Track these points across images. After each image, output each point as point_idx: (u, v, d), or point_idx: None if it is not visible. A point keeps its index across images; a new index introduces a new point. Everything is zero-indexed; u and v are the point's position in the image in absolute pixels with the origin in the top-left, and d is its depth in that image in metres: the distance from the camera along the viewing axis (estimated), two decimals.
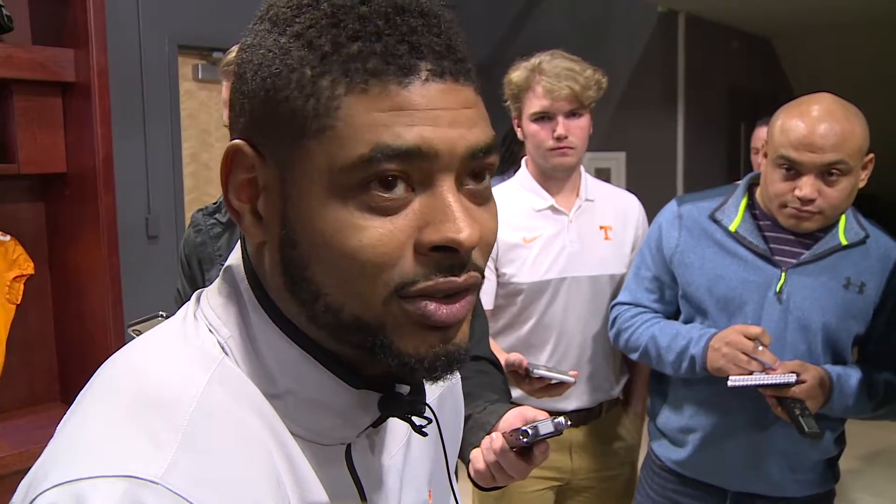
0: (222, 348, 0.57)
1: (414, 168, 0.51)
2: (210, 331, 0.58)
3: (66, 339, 2.22)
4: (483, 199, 0.56)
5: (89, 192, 2.06)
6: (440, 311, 0.53)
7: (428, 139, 0.51)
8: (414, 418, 0.61)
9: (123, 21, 3.64)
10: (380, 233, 0.51)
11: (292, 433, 0.57)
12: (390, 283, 0.52)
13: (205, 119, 4.18)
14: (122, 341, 2.07)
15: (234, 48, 1.28)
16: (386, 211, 0.51)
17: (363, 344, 0.54)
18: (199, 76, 4.08)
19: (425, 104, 0.51)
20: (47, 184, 2.19)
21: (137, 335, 1.39)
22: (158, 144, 3.89)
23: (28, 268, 2.10)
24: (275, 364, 0.56)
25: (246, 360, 0.57)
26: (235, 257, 0.61)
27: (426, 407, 0.62)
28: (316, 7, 0.52)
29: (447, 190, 0.52)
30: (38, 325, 2.21)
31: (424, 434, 0.63)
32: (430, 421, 0.63)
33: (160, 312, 1.39)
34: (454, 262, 0.52)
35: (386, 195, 0.51)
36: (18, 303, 2.09)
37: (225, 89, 1.29)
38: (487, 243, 0.56)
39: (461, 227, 0.51)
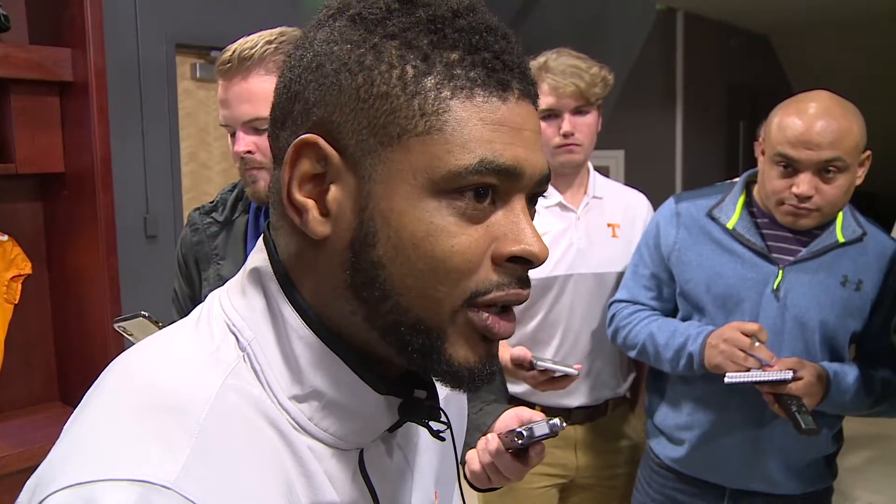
0: (243, 350, 0.56)
1: (503, 183, 0.54)
2: (231, 332, 0.57)
3: (64, 338, 2.23)
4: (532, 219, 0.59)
5: (87, 192, 2.06)
6: (500, 325, 0.56)
7: (521, 160, 0.55)
8: (431, 423, 0.62)
9: (121, 20, 3.64)
10: (470, 240, 0.54)
11: (309, 436, 0.56)
12: (466, 290, 0.54)
13: (203, 118, 4.17)
14: (121, 341, 2.07)
15: (230, 47, 1.27)
16: (474, 219, 0.54)
17: (421, 348, 0.55)
18: (198, 75, 4.07)
19: (520, 123, 0.55)
20: (45, 183, 2.19)
21: (124, 331, 1.37)
22: (156, 144, 3.88)
23: (26, 267, 2.10)
24: (305, 365, 0.56)
25: (272, 361, 0.56)
26: (261, 259, 0.60)
27: (442, 412, 0.62)
28: (410, 12, 0.54)
29: (522, 208, 0.56)
30: (36, 325, 2.21)
31: (442, 439, 0.63)
32: (447, 426, 0.63)
33: (142, 312, 1.38)
34: (523, 273, 0.57)
35: (479, 204, 0.54)
36: (16, 302, 2.09)
37: (221, 89, 1.28)
38: None
39: (535, 241, 0.56)
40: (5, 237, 2.08)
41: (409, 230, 0.53)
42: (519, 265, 0.56)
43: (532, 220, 0.59)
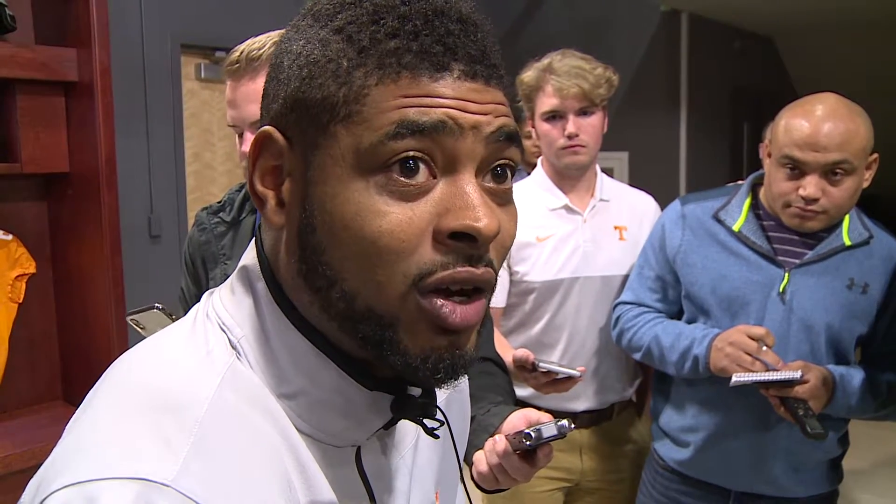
0: (234, 348, 0.57)
1: (437, 147, 0.52)
2: (222, 330, 0.58)
3: (68, 338, 2.23)
4: (504, 201, 0.56)
5: (92, 192, 2.06)
6: (455, 313, 0.52)
7: (454, 117, 0.52)
8: (425, 421, 0.61)
9: (126, 20, 3.64)
10: (399, 219, 0.51)
11: (304, 434, 0.56)
12: (409, 273, 0.51)
13: (207, 118, 4.18)
14: (124, 341, 2.07)
15: (238, 48, 1.28)
16: (407, 197, 0.52)
17: (372, 337, 0.53)
18: (202, 75, 4.08)
19: (454, 95, 0.52)
20: (50, 183, 2.19)
21: (136, 325, 1.37)
22: (161, 144, 3.89)
23: (30, 267, 2.10)
24: (289, 364, 0.56)
25: (259, 359, 0.56)
26: (250, 257, 0.60)
27: (437, 409, 0.62)
28: (358, 5, 0.54)
29: (468, 179, 0.53)
30: (40, 325, 2.21)
31: (436, 436, 0.63)
32: (442, 423, 0.63)
33: (155, 304, 1.38)
34: (472, 251, 0.52)
35: (407, 180, 0.51)
36: (21, 302, 2.09)
37: (229, 89, 1.29)
38: (504, 244, 0.56)
39: (479, 215, 0.51)
40: (9, 236, 2.08)
41: (339, 212, 0.52)
42: (464, 243, 0.52)
43: (508, 196, 0.56)
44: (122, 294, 2.09)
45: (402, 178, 0.51)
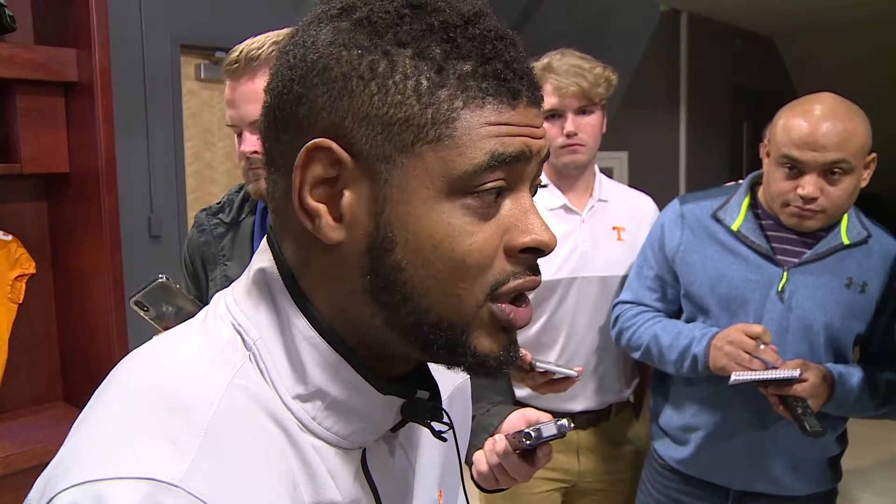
0: (249, 349, 0.57)
1: (511, 173, 0.56)
2: (237, 331, 0.58)
3: (69, 338, 2.23)
4: None
5: (92, 192, 2.06)
6: (519, 314, 0.57)
7: (528, 144, 0.56)
8: (433, 423, 0.62)
9: (126, 21, 3.65)
10: (485, 237, 0.55)
11: (312, 435, 0.57)
12: (486, 285, 0.55)
13: (207, 118, 4.18)
14: (125, 341, 2.07)
15: (237, 48, 1.28)
16: (487, 216, 0.55)
17: (444, 344, 0.56)
18: (202, 76, 4.08)
19: (525, 122, 0.56)
20: (50, 183, 2.19)
21: (140, 308, 1.32)
22: (161, 144, 3.89)
23: (30, 267, 2.10)
24: (311, 367, 0.56)
25: (276, 361, 0.57)
26: (266, 259, 0.60)
27: (444, 412, 0.63)
28: (422, 19, 0.54)
29: (527, 198, 0.58)
30: (40, 325, 2.21)
31: (444, 439, 0.64)
32: (450, 426, 0.64)
33: (159, 275, 1.31)
34: (534, 262, 0.58)
35: (491, 200, 0.55)
36: (21, 302, 2.09)
37: (228, 89, 1.29)
38: None
39: (543, 230, 0.57)
40: (9, 237, 2.08)
41: (428, 233, 0.53)
42: (530, 254, 0.57)
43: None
44: (122, 294, 2.09)
45: (488, 199, 0.55)
